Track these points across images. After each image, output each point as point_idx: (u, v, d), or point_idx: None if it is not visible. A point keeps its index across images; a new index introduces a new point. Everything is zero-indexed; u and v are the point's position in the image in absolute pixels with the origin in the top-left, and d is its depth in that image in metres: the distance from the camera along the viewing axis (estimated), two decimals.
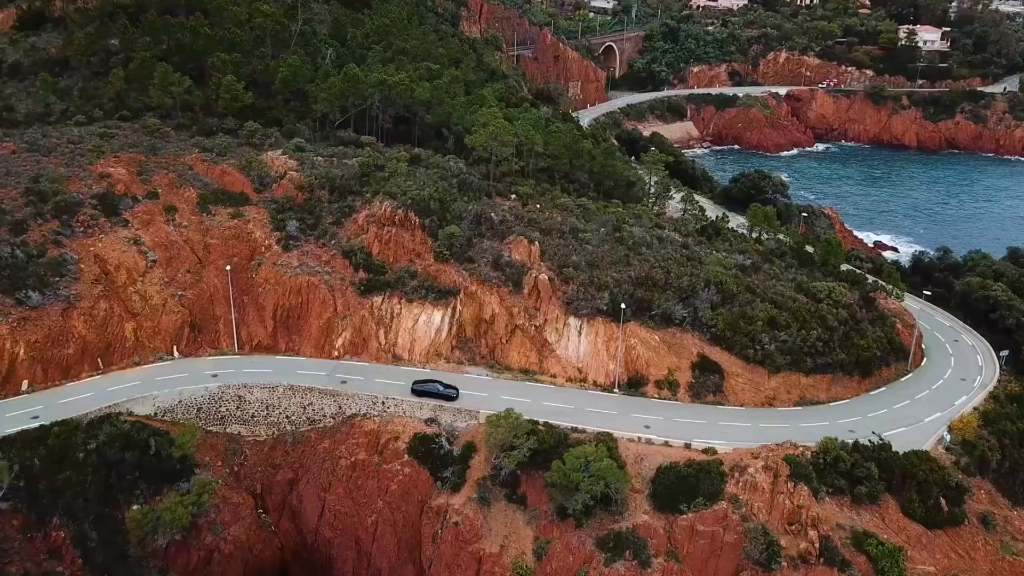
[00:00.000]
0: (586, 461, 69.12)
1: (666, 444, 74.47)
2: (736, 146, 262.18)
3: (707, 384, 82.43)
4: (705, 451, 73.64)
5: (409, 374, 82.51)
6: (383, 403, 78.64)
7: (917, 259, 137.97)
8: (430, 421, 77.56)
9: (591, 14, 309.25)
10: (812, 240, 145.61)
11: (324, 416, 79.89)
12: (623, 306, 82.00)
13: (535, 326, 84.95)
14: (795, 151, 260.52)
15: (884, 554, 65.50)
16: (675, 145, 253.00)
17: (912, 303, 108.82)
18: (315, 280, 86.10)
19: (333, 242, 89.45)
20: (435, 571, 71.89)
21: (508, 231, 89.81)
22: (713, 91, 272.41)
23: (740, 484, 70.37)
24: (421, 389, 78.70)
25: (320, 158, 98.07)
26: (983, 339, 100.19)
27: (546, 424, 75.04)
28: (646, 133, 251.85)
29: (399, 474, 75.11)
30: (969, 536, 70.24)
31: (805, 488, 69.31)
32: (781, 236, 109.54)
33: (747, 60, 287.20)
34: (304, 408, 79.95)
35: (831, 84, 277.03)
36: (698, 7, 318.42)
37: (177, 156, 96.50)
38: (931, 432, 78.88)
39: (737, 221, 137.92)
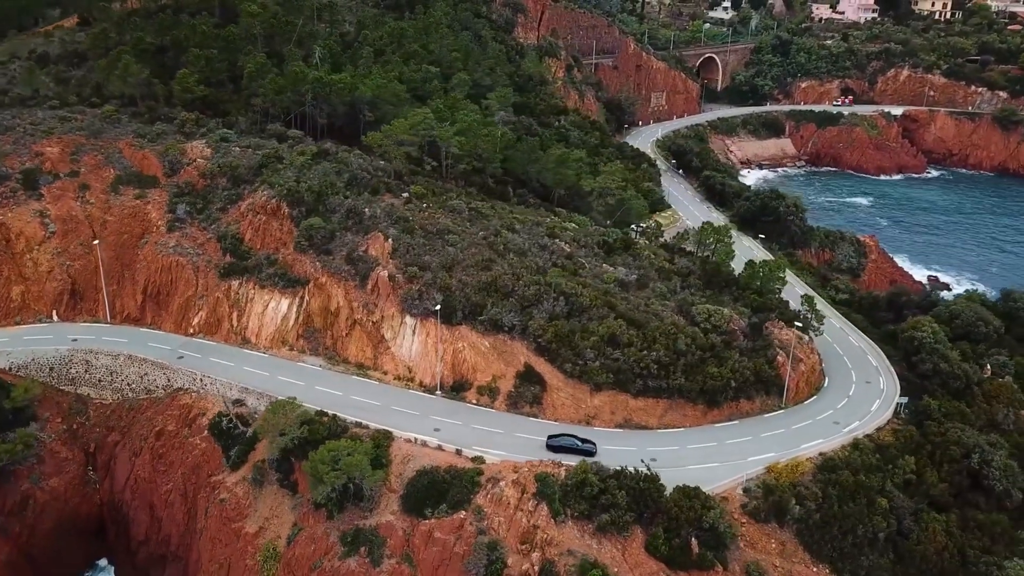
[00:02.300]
0: (337, 455, 69.68)
1: (439, 448, 73.44)
2: (834, 168, 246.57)
3: (526, 395, 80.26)
4: (474, 459, 72.04)
5: (248, 357, 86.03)
6: (201, 379, 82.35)
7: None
8: (237, 402, 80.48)
9: (707, 25, 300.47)
10: (820, 269, 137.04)
11: (157, 387, 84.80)
12: (448, 309, 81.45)
13: (372, 322, 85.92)
14: (900, 176, 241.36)
15: None
16: (765, 162, 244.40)
17: (854, 340, 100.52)
18: (183, 260, 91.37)
19: (213, 227, 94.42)
20: (202, 543, 74.82)
21: (374, 227, 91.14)
22: (816, 108, 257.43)
23: (489, 496, 68.42)
24: (556, 444, 73.65)
25: (238, 148, 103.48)
26: (898, 383, 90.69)
27: (333, 416, 76.01)
28: (733, 148, 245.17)
29: (196, 448, 78.73)
30: None
31: (546, 508, 66.42)
32: (709, 254, 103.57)
33: (864, 76, 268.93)
34: (141, 378, 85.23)
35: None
36: (820, 19, 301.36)
37: (114, 140, 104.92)
38: (743, 472, 72.96)
39: (743, 244, 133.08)
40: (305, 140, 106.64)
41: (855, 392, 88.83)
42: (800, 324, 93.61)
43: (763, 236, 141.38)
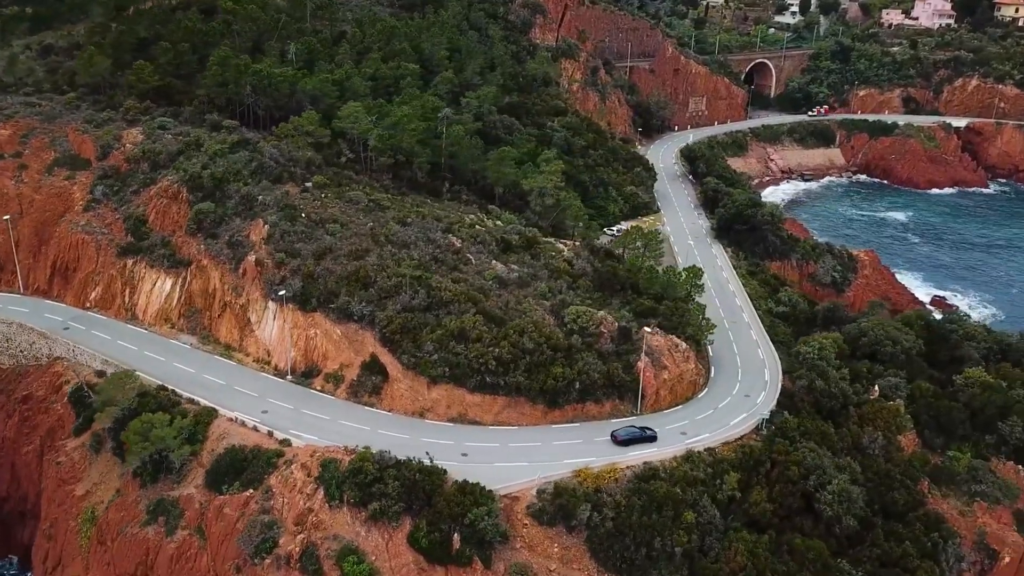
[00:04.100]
0: (148, 427, 72.64)
1: (255, 429, 75.32)
2: (884, 180, 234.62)
3: (368, 384, 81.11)
4: (281, 442, 73.56)
5: (127, 332, 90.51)
6: (74, 350, 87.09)
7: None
8: (99, 373, 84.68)
9: (771, 30, 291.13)
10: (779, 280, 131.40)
11: (43, 355, 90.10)
12: (304, 296, 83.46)
13: (240, 305, 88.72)
14: (953, 190, 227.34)
15: (354, 573, 62.31)
16: (808, 172, 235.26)
17: (762, 352, 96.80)
18: (88, 238, 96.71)
19: (123, 208, 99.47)
20: (42, 503, 79.27)
21: (262, 214, 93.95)
22: (871, 117, 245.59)
23: (280, 477, 69.79)
24: (624, 437, 76.01)
25: (169, 136, 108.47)
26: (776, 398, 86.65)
27: (173, 391, 79.15)
28: (775, 157, 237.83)
29: (55, 414, 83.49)
30: None
31: (322, 492, 67.27)
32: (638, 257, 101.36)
33: (929, 86, 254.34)
34: (30, 345, 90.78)
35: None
36: (889, 25, 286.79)
37: (65, 125, 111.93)
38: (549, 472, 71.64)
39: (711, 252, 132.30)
40: (238, 130, 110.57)
41: (727, 404, 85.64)
42: (690, 332, 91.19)
43: (729, 244, 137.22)
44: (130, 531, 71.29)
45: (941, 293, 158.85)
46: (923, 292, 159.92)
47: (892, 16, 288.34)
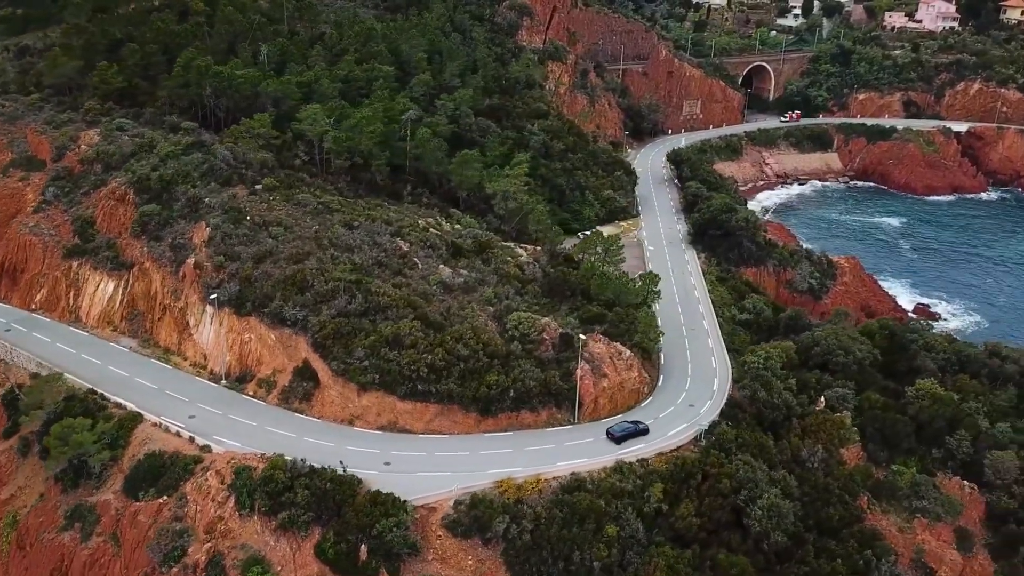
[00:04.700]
0: (68, 431, 71.92)
1: (177, 435, 74.40)
2: (881, 185, 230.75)
3: (299, 391, 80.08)
4: (202, 448, 72.61)
5: (68, 334, 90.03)
6: (12, 351, 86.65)
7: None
8: (34, 376, 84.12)
9: (772, 32, 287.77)
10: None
11: None
12: (240, 300, 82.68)
13: (179, 308, 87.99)
14: (952, 196, 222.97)
15: None
16: (804, 177, 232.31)
17: (715, 361, 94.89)
18: (35, 240, 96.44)
19: (73, 210, 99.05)
20: None
21: (207, 216, 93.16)
22: (869, 121, 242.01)
23: (196, 485, 68.86)
24: (619, 434, 77.46)
25: (126, 137, 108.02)
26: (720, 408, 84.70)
27: (101, 396, 78.49)
28: (770, 161, 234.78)
29: None
30: None
31: (233, 500, 66.29)
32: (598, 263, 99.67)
33: (930, 89, 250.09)
34: None
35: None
36: (892, 28, 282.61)
37: (25, 126, 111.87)
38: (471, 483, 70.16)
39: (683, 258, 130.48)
40: (196, 132, 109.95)
41: (669, 414, 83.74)
42: (636, 340, 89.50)
43: (703, 250, 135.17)
44: (47, 536, 70.69)
45: (926, 300, 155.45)
46: (909, 299, 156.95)
47: (895, 19, 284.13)
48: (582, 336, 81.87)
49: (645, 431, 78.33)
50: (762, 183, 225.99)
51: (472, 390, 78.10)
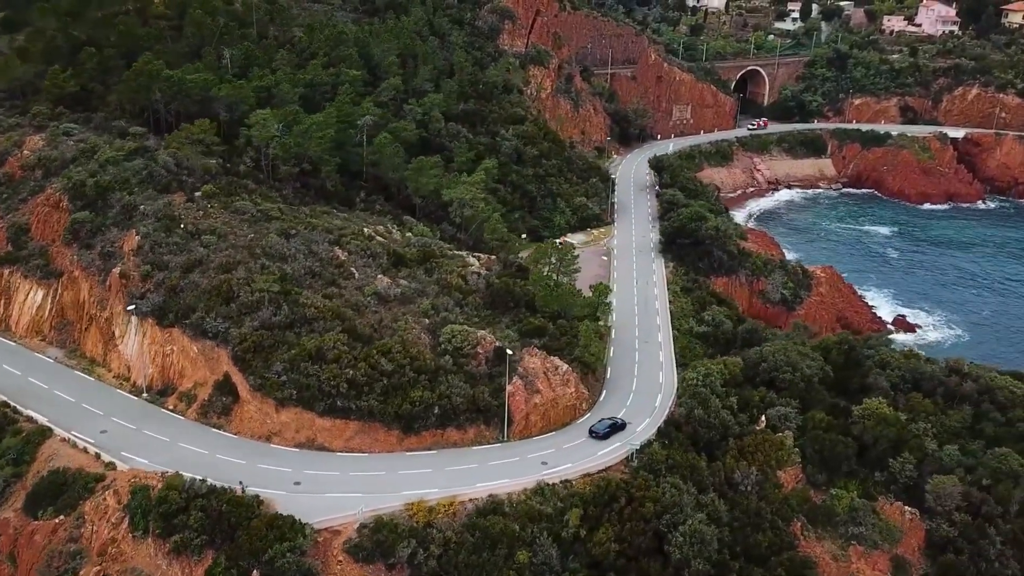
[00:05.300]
0: None
1: (84, 451, 72.10)
2: (875, 191, 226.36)
3: (218, 405, 77.66)
4: (107, 465, 70.27)
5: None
6: None
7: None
8: None
9: (770, 36, 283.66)
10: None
11: None
12: (163, 311, 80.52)
13: (105, 318, 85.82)
14: (947, 205, 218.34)
15: None
16: (796, 183, 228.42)
17: (662, 376, 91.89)
18: None
19: (9, 216, 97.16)
20: None
21: (140, 223, 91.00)
22: (864, 127, 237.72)
23: (94, 504, 66.50)
24: (602, 432, 78.65)
25: (72, 142, 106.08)
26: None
27: (13, 409, 76.44)
28: (761, 167, 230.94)
29: None
30: None
31: (127, 521, 63.85)
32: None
33: (928, 94, 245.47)
34: None
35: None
36: (890, 32, 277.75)
37: None
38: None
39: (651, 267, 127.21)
40: (144, 137, 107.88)
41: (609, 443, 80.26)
42: (576, 354, 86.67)
43: (672, 259, 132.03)
44: None
45: (907, 312, 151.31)
46: (890, 310, 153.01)
47: (894, 23, 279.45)
48: (509, 351, 78.87)
49: (622, 426, 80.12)
50: (752, 190, 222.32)
51: (395, 407, 75.41)
